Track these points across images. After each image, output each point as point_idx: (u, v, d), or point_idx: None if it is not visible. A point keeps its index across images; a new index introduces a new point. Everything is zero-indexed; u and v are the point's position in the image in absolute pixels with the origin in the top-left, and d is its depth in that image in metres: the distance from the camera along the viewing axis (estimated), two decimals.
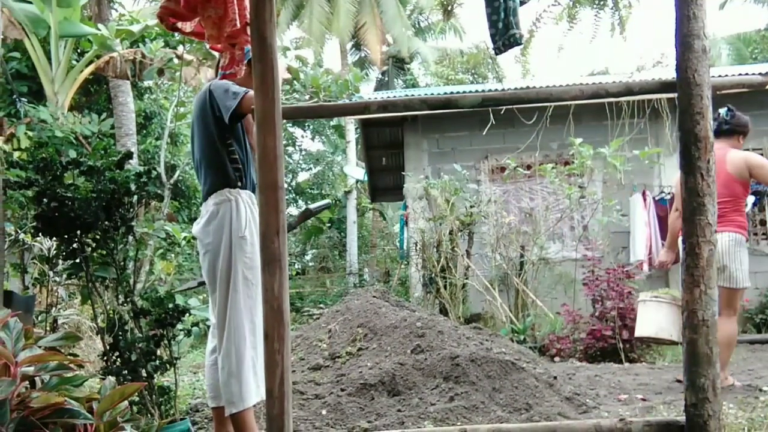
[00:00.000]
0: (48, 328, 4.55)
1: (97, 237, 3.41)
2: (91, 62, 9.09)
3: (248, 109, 2.95)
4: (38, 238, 4.49)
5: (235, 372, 2.95)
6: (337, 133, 24.39)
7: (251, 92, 2.90)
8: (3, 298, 3.10)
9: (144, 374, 3.31)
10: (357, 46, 22.45)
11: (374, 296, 5.92)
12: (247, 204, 3.10)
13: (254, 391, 2.98)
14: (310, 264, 21.43)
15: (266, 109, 2.38)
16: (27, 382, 2.11)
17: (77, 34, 8.40)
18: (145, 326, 3.41)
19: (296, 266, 20.39)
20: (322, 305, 11.91)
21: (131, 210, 3.50)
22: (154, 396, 3.39)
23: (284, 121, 2.52)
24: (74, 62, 9.66)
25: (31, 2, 7.82)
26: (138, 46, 9.05)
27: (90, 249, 3.43)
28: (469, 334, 5.03)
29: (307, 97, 8.07)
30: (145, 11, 11.26)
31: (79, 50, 10.39)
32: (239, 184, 3.12)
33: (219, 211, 3.06)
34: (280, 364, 2.35)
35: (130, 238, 3.58)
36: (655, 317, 5.19)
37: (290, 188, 24.03)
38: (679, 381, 4.65)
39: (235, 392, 2.94)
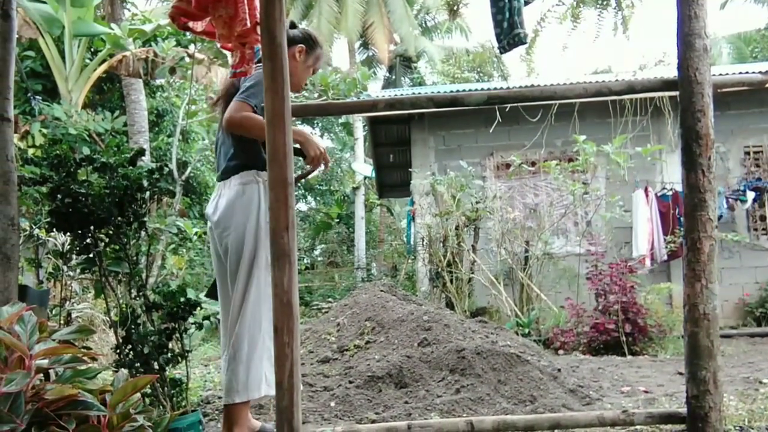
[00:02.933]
0: (62, 322, 4.57)
1: (110, 232, 3.41)
2: (104, 61, 9.17)
3: (238, 114, 2.86)
4: (52, 234, 4.51)
5: (245, 359, 2.83)
6: (346, 130, 24.43)
7: (250, 114, 2.83)
8: (18, 293, 3.12)
9: (156, 367, 3.31)
10: (365, 45, 22.49)
11: (382, 290, 5.97)
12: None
13: (262, 385, 2.85)
14: (319, 259, 21.50)
15: (276, 107, 2.43)
16: (41, 375, 2.07)
17: (91, 34, 8.47)
18: (158, 320, 3.42)
19: (305, 261, 20.48)
20: (330, 299, 11.97)
21: (144, 206, 3.49)
22: (166, 388, 3.39)
23: (294, 118, 2.56)
24: (88, 61, 9.75)
25: (45, 2, 7.91)
26: (150, 45, 9.14)
27: (103, 244, 3.43)
28: (474, 327, 5.06)
29: (316, 95, 8.11)
30: (157, 11, 11.32)
31: (92, 49, 10.49)
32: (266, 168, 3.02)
33: (245, 191, 2.94)
34: (290, 357, 2.39)
35: (143, 233, 3.58)
36: None
37: (300, 185, 24.10)
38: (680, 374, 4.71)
39: (241, 380, 2.82)
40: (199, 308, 3.47)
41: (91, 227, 3.35)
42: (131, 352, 3.33)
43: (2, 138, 3.00)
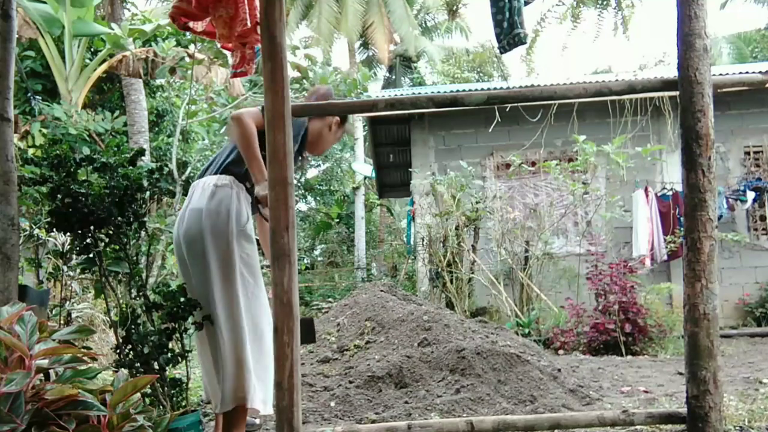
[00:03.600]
0: (62, 322, 4.57)
1: (110, 232, 3.40)
2: (104, 61, 9.18)
3: (248, 117, 2.74)
4: (52, 234, 4.52)
5: (231, 374, 2.74)
6: None
7: (253, 129, 2.71)
8: (18, 293, 3.11)
9: (156, 367, 3.29)
10: (365, 45, 22.52)
11: (382, 290, 5.97)
12: (247, 201, 2.89)
13: (256, 399, 2.73)
14: (319, 259, 21.51)
15: (276, 107, 2.43)
16: (41, 375, 2.08)
17: (91, 34, 8.48)
18: (158, 320, 3.41)
19: (305, 261, 20.49)
20: (330, 299, 11.98)
21: (144, 206, 3.48)
22: (166, 388, 3.38)
23: (294, 118, 2.56)
24: (88, 61, 9.76)
25: (45, 2, 7.92)
26: (150, 45, 9.16)
27: (103, 244, 3.42)
28: (474, 327, 5.06)
29: None
30: (157, 11, 11.35)
31: (92, 49, 10.50)
32: (247, 184, 2.89)
33: (217, 193, 2.83)
34: (290, 357, 2.39)
35: (143, 233, 3.57)
36: None
37: (299, 184, 24.08)
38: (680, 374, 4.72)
39: (230, 389, 2.73)
40: (199, 308, 3.47)
41: (91, 227, 3.34)
42: (131, 352, 3.32)
43: (2, 138, 3.00)
